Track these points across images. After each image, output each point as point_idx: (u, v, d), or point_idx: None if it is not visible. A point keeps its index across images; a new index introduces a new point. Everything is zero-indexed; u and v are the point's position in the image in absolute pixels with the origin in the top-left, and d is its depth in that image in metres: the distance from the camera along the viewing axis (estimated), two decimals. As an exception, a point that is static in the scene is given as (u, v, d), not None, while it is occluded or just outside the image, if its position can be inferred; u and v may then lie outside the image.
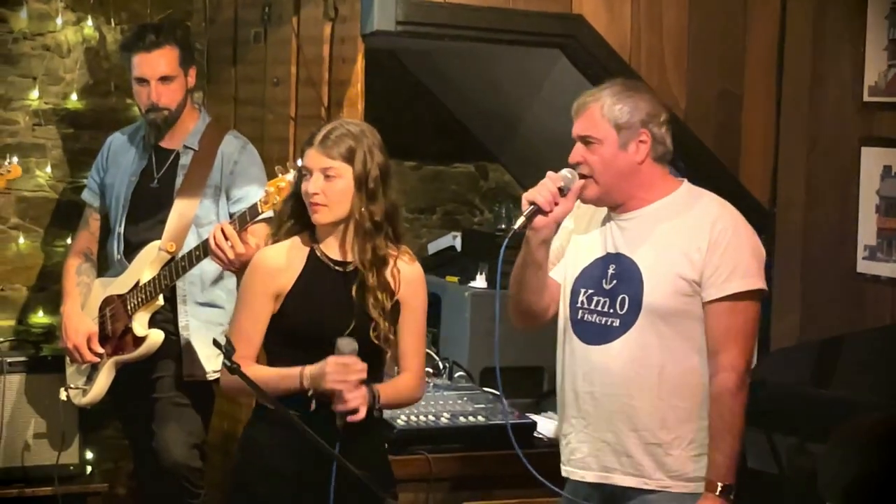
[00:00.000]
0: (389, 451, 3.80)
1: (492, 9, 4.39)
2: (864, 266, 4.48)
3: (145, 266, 4.22)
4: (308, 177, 3.28)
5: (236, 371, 3.15)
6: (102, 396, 4.30)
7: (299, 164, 3.37)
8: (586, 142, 3.34)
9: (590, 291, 3.36)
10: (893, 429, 2.37)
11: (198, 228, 4.25)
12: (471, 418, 4.17)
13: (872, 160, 4.46)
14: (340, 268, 3.32)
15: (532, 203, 3.29)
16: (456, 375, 4.57)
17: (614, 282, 3.33)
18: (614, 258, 3.35)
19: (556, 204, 3.29)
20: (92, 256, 4.47)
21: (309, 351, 3.24)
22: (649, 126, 3.32)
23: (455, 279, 4.92)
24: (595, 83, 4.46)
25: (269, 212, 3.75)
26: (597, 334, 3.33)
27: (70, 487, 4.60)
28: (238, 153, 4.33)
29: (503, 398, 3.51)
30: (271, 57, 4.67)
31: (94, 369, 4.29)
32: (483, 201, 5.53)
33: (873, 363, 4.13)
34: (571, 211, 3.34)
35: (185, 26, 4.98)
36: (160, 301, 4.21)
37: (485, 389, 4.41)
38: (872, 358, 4.16)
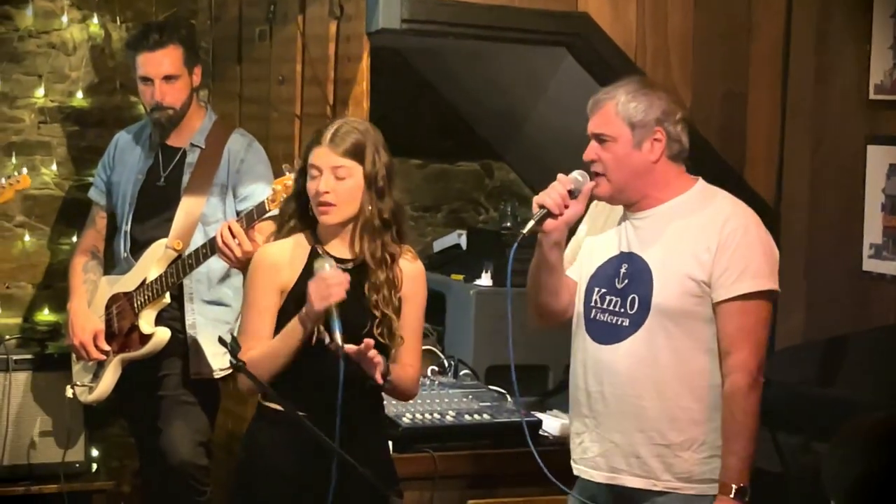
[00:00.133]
0: (395, 450, 3.80)
1: (497, 7, 4.38)
2: (870, 264, 4.48)
3: (152, 264, 4.22)
4: (317, 176, 3.25)
5: (242, 369, 3.15)
6: (108, 394, 4.29)
7: (299, 164, 3.35)
8: (600, 139, 3.32)
9: (603, 290, 3.35)
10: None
11: (204, 226, 4.25)
12: (476, 416, 4.17)
13: (878, 158, 4.46)
14: (342, 265, 3.28)
15: (541, 206, 3.29)
16: (461, 374, 4.57)
17: (626, 281, 3.31)
18: (627, 257, 3.33)
19: (567, 207, 3.29)
20: (98, 254, 4.47)
21: (317, 350, 3.20)
22: (664, 124, 3.30)
23: (460, 277, 4.92)
24: (600, 81, 4.48)
25: (276, 210, 3.74)
26: (607, 334, 3.32)
27: (75, 485, 4.60)
28: (244, 151, 4.34)
29: (518, 394, 3.50)
30: (276, 55, 4.66)
31: (101, 367, 4.30)
32: (488, 200, 5.52)
33: (878, 362, 4.12)
34: (581, 213, 3.33)
35: (191, 24, 4.98)
36: (167, 299, 4.21)
37: (490, 388, 4.41)
38: (878, 357, 4.16)
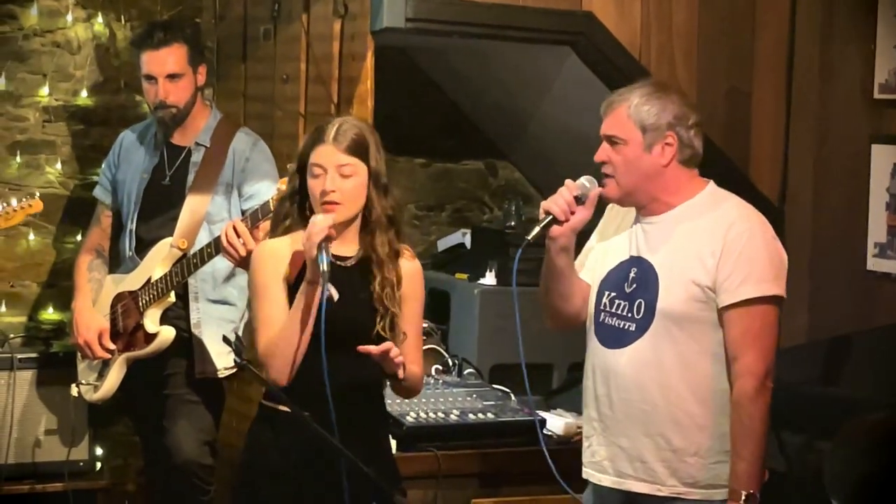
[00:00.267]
0: (399, 448, 3.80)
1: (501, 6, 4.38)
2: (874, 263, 4.48)
3: (157, 263, 4.22)
4: (320, 174, 3.22)
5: (246, 368, 3.15)
6: (113, 393, 4.30)
7: (295, 164, 3.33)
8: (612, 141, 3.30)
9: (612, 294, 3.34)
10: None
11: (209, 225, 4.25)
12: (480, 415, 4.17)
13: (882, 157, 4.46)
14: (342, 262, 3.27)
15: (548, 212, 3.28)
16: (465, 372, 4.58)
17: (634, 286, 3.30)
18: (636, 262, 3.32)
19: (573, 213, 3.28)
20: (104, 253, 4.48)
21: (325, 349, 3.14)
22: (676, 128, 3.28)
23: (464, 276, 4.92)
24: (605, 80, 4.49)
25: (281, 209, 3.75)
26: (614, 338, 3.31)
27: (80, 483, 4.61)
28: (250, 150, 4.34)
29: (529, 391, 3.49)
30: (281, 54, 4.66)
31: (106, 366, 4.30)
32: (492, 199, 5.52)
33: (882, 361, 4.12)
34: (588, 219, 3.32)
35: (196, 24, 4.98)
36: (172, 298, 4.22)
37: (494, 387, 4.41)
38: (882, 356, 4.15)
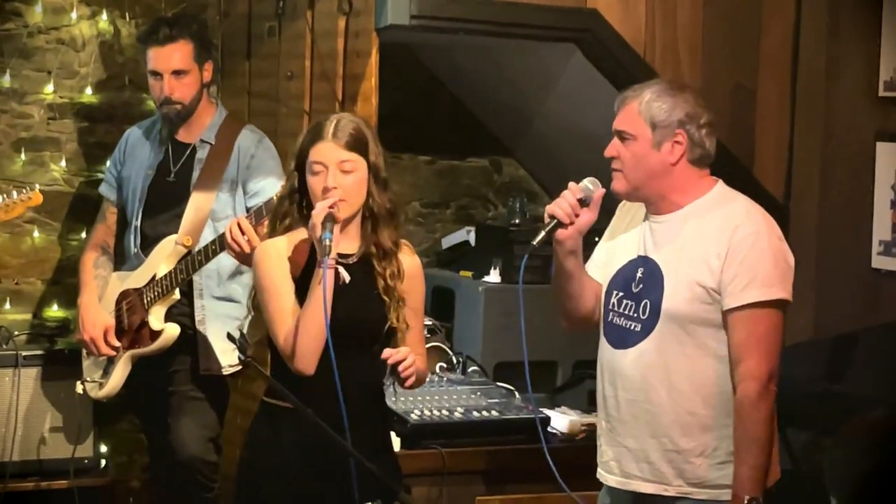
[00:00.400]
0: (403, 446, 3.81)
1: (506, 3, 4.38)
2: (879, 261, 4.48)
3: (162, 260, 4.22)
4: (321, 171, 3.19)
5: (250, 364, 3.15)
6: (118, 390, 4.30)
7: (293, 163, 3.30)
8: (622, 137, 3.30)
9: (620, 294, 3.33)
10: (897, 426, 2.35)
11: (214, 222, 4.26)
12: (484, 413, 4.17)
13: (887, 155, 4.45)
14: (345, 260, 3.24)
15: (552, 216, 3.28)
16: (469, 370, 4.58)
17: (641, 286, 3.29)
18: (643, 261, 3.32)
19: (577, 216, 3.27)
20: (109, 250, 4.48)
21: (332, 347, 3.08)
22: (686, 127, 3.26)
23: (469, 274, 4.92)
24: (610, 78, 4.49)
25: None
26: (621, 338, 3.31)
27: (85, 481, 4.60)
28: (255, 147, 4.33)
29: (530, 389, 3.47)
30: (285, 51, 4.66)
31: (110, 363, 4.30)
32: (497, 196, 5.51)
33: (887, 359, 4.12)
34: (593, 221, 3.30)
35: (203, 21, 4.97)
36: (176, 295, 4.22)
37: (498, 384, 4.41)
38: (886, 354, 4.15)
